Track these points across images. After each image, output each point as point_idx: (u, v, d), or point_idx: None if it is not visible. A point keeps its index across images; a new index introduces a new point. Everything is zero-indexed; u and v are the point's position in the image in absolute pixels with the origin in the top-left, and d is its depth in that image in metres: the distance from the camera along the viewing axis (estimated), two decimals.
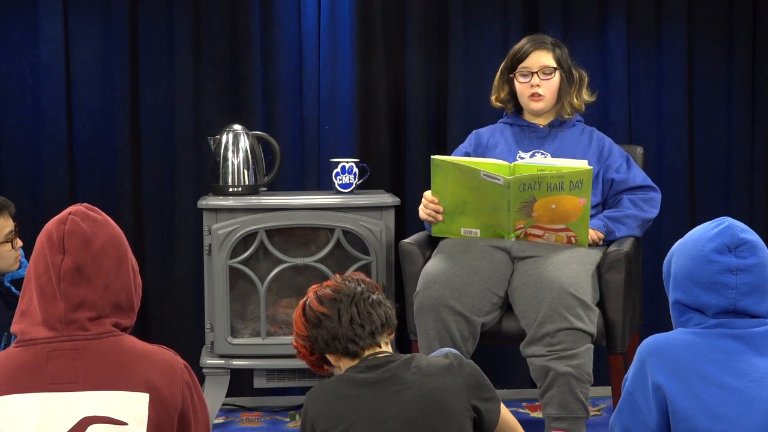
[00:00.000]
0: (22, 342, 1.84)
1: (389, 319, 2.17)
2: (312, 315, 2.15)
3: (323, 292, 2.17)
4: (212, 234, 3.36)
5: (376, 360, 2.10)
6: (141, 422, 1.80)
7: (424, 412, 2.01)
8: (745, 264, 1.95)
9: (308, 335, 2.16)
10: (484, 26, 3.83)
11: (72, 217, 1.87)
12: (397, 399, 2.02)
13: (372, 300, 2.15)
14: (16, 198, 3.22)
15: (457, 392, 2.05)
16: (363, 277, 2.22)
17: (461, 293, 2.91)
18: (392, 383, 2.04)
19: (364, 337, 2.11)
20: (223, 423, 3.53)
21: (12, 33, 3.71)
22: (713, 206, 3.89)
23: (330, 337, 2.12)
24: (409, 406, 2.01)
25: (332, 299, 2.14)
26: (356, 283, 2.18)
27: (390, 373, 2.06)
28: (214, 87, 3.77)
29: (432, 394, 2.03)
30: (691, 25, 3.89)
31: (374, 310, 2.14)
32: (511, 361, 3.52)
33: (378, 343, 2.14)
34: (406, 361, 2.09)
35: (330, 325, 2.12)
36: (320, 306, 2.14)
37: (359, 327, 2.11)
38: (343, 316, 2.12)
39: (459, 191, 3.01)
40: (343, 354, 2.13)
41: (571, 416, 2.79)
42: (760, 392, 1.89)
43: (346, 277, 2.21)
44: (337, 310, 2.12)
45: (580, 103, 3.31)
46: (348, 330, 2.11)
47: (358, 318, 2.12)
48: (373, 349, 2.13)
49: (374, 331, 2.12)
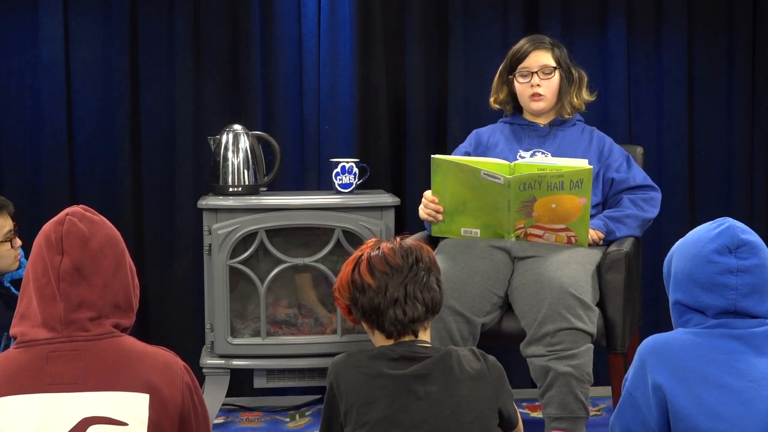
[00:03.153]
0: (22, 343, 1.84)
1: (435, 305, 2.08)
2: (359, 280, 2.07)
3: (377, 260, 2.06)
4: (212, 234, 3.36)
5: (413, 351, 2.04)
6: (141, 423, 1.80)
7: (458, 421, 1.98)
8: (745, 265, 1.95)
9: (350, 296, 2.09)
10: (484, 26, 3.83)
11: (69, 217, 1.88)
12: (432, 402, 1.98)
13: (424, 282, 2.06)
14: (16, 198, 3.23)
15: (488, 401, 2.03)
16: (423, 250, 2.10)
17: (461, 293, 2.91)
18: (428, 383, 2.00)
19: (405, 322, 2.04)
20: (223, 423, 3.53)
21: (12, 33, 3.71)
22: (713, 206, 3.89)
23: (370, 309, 2.05)
24: (443, 413, 1.98)
25: (383, 272, 2.05)
26: (414, 258, 2.07)
27: (425, 371, 2.01)
28: (214, 87, 3.77)
29: (466, 402, 1.99)
30: (691, 25, 3.89)
31: (422, 295, 2.05)
32: (511, 361, 3.50)
33: (416, 331, 2.07)
34: (441, 359, 2.03)
35: (374, 298, 2.04)
36: (369, 276, 2.05)
37: (401, 311, 2.03)
38: (389, 294, 2.03)
39: (459, 191, 3.01)
40: (378, 329, 2.07)
41: (571, 416, 2.79)
42: (760, 392, 1.89)
43: (405, 247, 2.09)
44: (385, 285, 2.04)
45: (580, 103, 3.31)
46: (390, 310, 2.03)
47: (404, 300, 2.03)
48: (410, 336, 2.07)
49: (416, 318, 2.05)
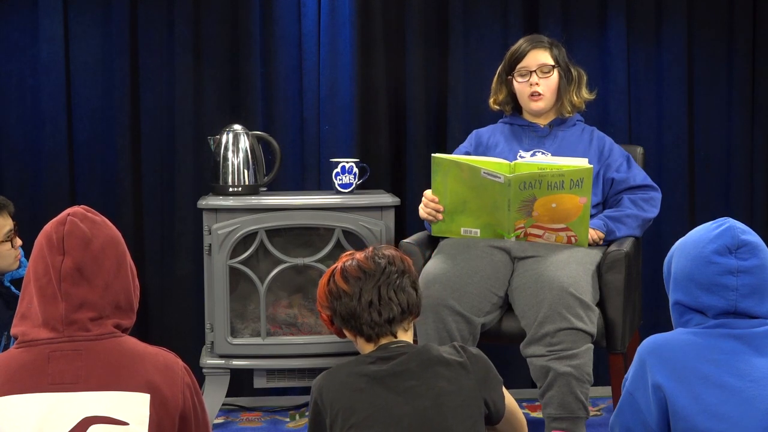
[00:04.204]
0: (23, 343, 1.85)
1: (411, 306, 2.11)
2: (334, 288, 2.11)
3: (350, 267, 2.11)
4: (212, 234, 3.36)
5: (389, 351, 2.07)
6: (142, 422, 1.80)
7: (439, 412, 1.99)
8: (745, 266, 1.95)
9: (328, 306, 2.13)
10: (484, 26, 3.82)
11: (71, 218, 1.88)
12: (411, 396, 2.00)
13: (397, 284, 2.09)
14: (16, 198, 3.23)
15: (470, 391, 2.04)
16: (396, 255, 2.14)
17: (461, 293, 2.91)
18: (405, 378, 2.01)
19: (381, 324, 2.07)
20: (223, 423, 3.53)
21: (12, 33, 3.71)
22: (713, 206, 3.89)
23: (348, 314, 2.09)
24: (423, 405, 1.99)
25: (356, 278, 2.09)
26: (387, 261, 2.11)
27: (402, 366, 2.03)
28: (214, 87, 3.77)
29: (446, 393, 2.00)
30: (691, 25, 3.89)
31: (396, 296, 2.09)
32: (511, 361, 3.51)
33: (394, 332, 2.10)
34: (417, 354, 2.05)
35: (349, 303, 2.08)
36: (344, 282, 2.10)
37: (376, 313, 2.07)
38: (363, 298, 2.07)
39: (459, 190, 3.01)
40: (358, 335, 2.11)
41: (571, 416, 2.79)
42: (760, 392, 1.89)
43: (378, 253, 2.13)
44: (359, 289, 2.08)
45: (580, 101, 3.31)
46: (365, 313, 2.07)
47: (378, 303, 2.07)
48: (388, 338, 2.09)
49: (391, 319, 2.08)
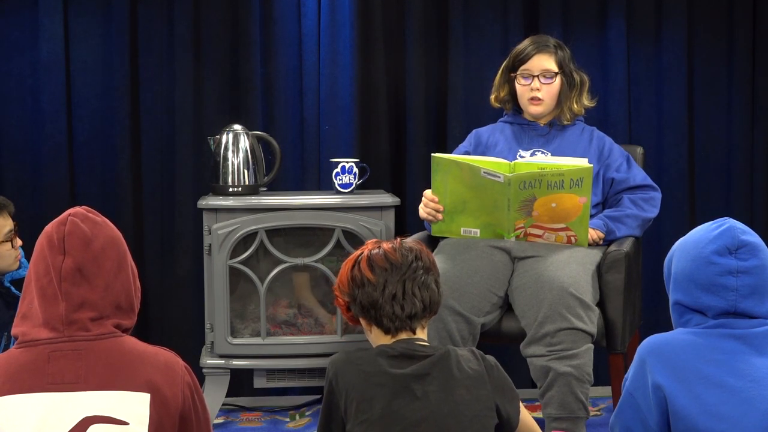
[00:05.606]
0: (23, 343, 1.85)
1: (432, 304, 2.12)
2: (358, 276, 2.10)
3: (377, 256, 2.10)
4: (212, 234, 3.36)
5: (412, 350, 2.06)
6: (142, 422, 1.80)
7: (456, 421, 1.99)
8: (745, 266, 1.95)
9: (349, 292, 2.12)
10: (484, 26, 3.82)
11: (71, 218, 1.88)
12: (431, 401, 2.00)
13: (422, 281, 2.09)
14: (16, 198, 3.23)
15: (486, 401, 2.04)
16: (423, 251, 2.14)
17: (461, 293, 2.91)
18: (427, 382, 2.01)
19: (402, 318, 2.07)
20: (223, 423, 3.53)
21: (12, 33, 3.71)
22: (713, 206, 3.89)
23: (369, 304, 2.08)
24: (441, 412, 1.99)
25: (383, 268, 2.08)
26: (414, 256, 2.11)
27: (424, 370, 2.02)
28: (214, 87, 3.77)
29: (464, 402, 2.01)
30: (691, 25, 3.89)
31: (420, 292, 2.08)
32: (511, 361, 3.50)
33: (414, 327, 2.10)
34: (440, 359, 2.05)
35: (372, 293, 2.07)
36: (369, 271, 2.09)
37: (399, 307, 2.06)
38: (387, 290, 2.07)
39: (459, 190, 3.01)
40: (376, 326, 2.10)
41: (571, 416, 2.79)
42: (761, 392, 1.89)
43: (406, 246, 2.13)
44: (384, 280, 2.07)
45: (580, 108, 3.30)
46: (388, 305, 2.06)
47: (402, 297, 2.07)
48: (407, 333, 2.09)
49: (413, 315, 2.08)
